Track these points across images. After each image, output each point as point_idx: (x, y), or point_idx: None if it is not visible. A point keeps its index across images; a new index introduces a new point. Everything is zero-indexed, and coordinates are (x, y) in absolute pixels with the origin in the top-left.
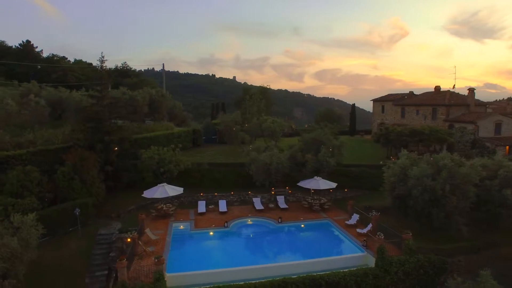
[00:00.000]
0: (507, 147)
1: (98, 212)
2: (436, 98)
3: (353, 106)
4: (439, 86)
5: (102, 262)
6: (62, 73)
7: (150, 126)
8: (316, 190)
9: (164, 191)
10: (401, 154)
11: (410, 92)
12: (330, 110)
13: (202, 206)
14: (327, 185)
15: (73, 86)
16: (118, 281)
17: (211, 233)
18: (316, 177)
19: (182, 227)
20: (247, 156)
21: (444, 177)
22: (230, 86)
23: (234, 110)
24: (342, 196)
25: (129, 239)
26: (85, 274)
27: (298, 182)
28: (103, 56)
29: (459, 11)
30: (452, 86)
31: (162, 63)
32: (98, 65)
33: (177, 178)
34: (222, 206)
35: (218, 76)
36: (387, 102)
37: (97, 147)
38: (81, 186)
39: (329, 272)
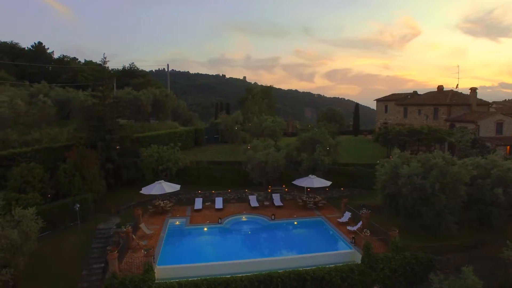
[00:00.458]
0: (508, 147)
1: (98, 207)
2: (438, 98)
3: (356, 106)
4: (442, 86)
5: (99, 255)
6: (72, 73)
7: (154, 125)
8: (312, 188)
9: (161, 188)
10: (393, 153)
11: (414, 91)
12: (332, 109)
13: (198, 203)
14: (322, 183)
15: (82, 86)
16: (109, 272)
17: (205, 229)
18: (311, 175)
19: (178, 223)
20: (244, 154)
21: (434, 175)
22: (240, 86)
23: (239, 109)
24: (338, 194)
25: (122, 234)
26: (82, 267)
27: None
28: (105, 57)
29: (473, 10)
30: (455, 86)
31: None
32: (102, 64)
33: (176, 176)
34: (218, 203)
35: (229, 76)
36: (390, 102)
37: (98, 145)
38: (81, 182)
39: (314, 267)
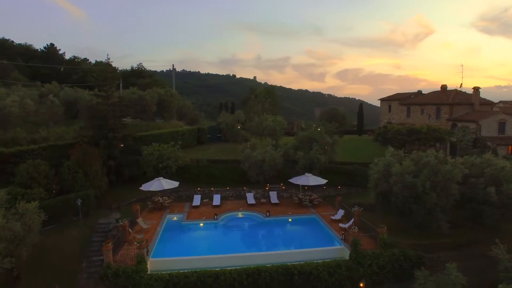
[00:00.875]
0: (510, 147)
1: (100, 203)
2: (440, 97)
3: (360, 105)
4: (446, 85)
5: (99, 248)
6: (83, 74)
7: (158, 124)
8: (309, 186)
9: (159, 185)
10: (386, 151)
11: (418, 91)
12: (334, 109)
13: (197, 200)
14: (317, 181)
15: (91, 86)
16: (103, 263)
17: (201, 224)
18: (307, 173)
19: (175, 219)
20: (242, 153)
21: (425, 174)
22: (249, 86)
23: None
24: (335, 193)
25: (119, 227)
26: (82, 259)
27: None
28: (109, 57)
29: (489, 7)
30: (465, 85)
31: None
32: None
33: (176, 174)
34: (216, 200)
35: (239, 76)
36: (394, 101)
37: (101, 143)
38: (84, 179)
39: (302, 262)
